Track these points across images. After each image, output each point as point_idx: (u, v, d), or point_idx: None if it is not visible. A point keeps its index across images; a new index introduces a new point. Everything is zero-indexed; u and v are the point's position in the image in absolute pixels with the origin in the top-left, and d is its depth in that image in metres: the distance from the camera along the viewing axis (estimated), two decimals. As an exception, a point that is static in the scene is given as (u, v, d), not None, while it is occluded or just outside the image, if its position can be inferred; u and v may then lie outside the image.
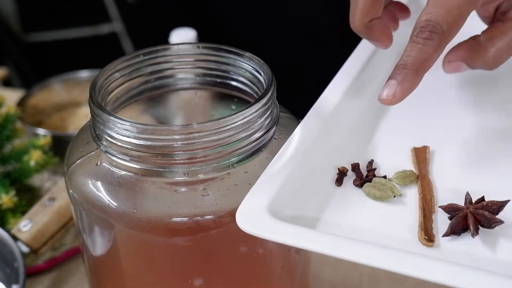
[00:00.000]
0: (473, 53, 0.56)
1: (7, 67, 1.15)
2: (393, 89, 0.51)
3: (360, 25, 0.57)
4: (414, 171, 0.54)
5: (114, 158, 0.53)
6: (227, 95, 0.60)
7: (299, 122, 0.57)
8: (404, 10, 0.62)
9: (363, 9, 0.56)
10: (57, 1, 1.29)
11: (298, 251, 0.57)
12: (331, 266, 0.70)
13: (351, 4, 0.57)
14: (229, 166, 0.52)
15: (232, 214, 0.49)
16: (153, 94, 0.60)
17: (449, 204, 0.50)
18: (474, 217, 0.48)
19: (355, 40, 0.63)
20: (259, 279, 0.57)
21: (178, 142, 0.50)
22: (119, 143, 0.52)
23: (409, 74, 0.51)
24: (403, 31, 0.59)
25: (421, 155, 0.55)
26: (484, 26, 0.59)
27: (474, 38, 0.57)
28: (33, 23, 1.31)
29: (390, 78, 0.51)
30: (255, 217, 0.47)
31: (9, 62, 1.31)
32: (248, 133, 0.52)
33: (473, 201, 0.49)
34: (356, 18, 0.57)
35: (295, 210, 0.50)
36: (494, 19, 0.58)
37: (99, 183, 0.53)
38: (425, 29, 0.51)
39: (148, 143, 0.51)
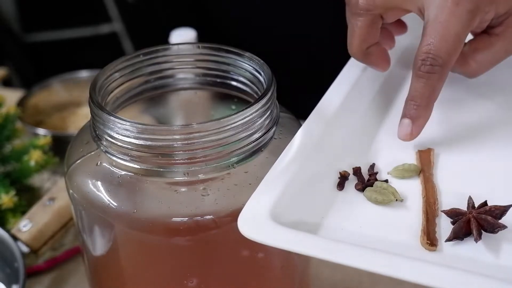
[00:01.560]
0: (455, 62, 0.56)
1: (7, 67, 1.15)
2: (409, 128, 0.54)
3: (358, 53, 0.58)
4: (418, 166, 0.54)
5: (114, 158, 0.53)
6: (227, 95, 0.60)
7: (299, 122, 0.57)
8: (401, 26, 0.62)
9: (360, 37, 0.57)
10: (57, 1, 1.29)
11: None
12: (331, 266, 0.70)
13: (348, 31, 0.58)
14: (229, 166, 0.52)
15: (232, 214, 0.49)
16: (153, 94, 0.60)
17: (452, 208, 0.49)
18: (477, 222, 0.48)
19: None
20: (259, 279, 0.57)
21: (178, 142, 0.50)
22: (119, 143, 0.52)
23: (420, 110, 0.54)
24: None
25: (425, 158, 0.55)
26: None
27: None
28: (33, 23, 1.31)
29: (404, 116, 0.54)
30: (257, 223, 0.47)
31: (9, 62, 1.31)
32: (248, 133, 0.52)
33: (476, 205, 0.49)
34: (354, 46, 0.58)
35: (297, 215, 0.49)
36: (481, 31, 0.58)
37: (99, 183, 0.53)
38: (426, 62, 0.53)
39: (148, 143, 0.51)
